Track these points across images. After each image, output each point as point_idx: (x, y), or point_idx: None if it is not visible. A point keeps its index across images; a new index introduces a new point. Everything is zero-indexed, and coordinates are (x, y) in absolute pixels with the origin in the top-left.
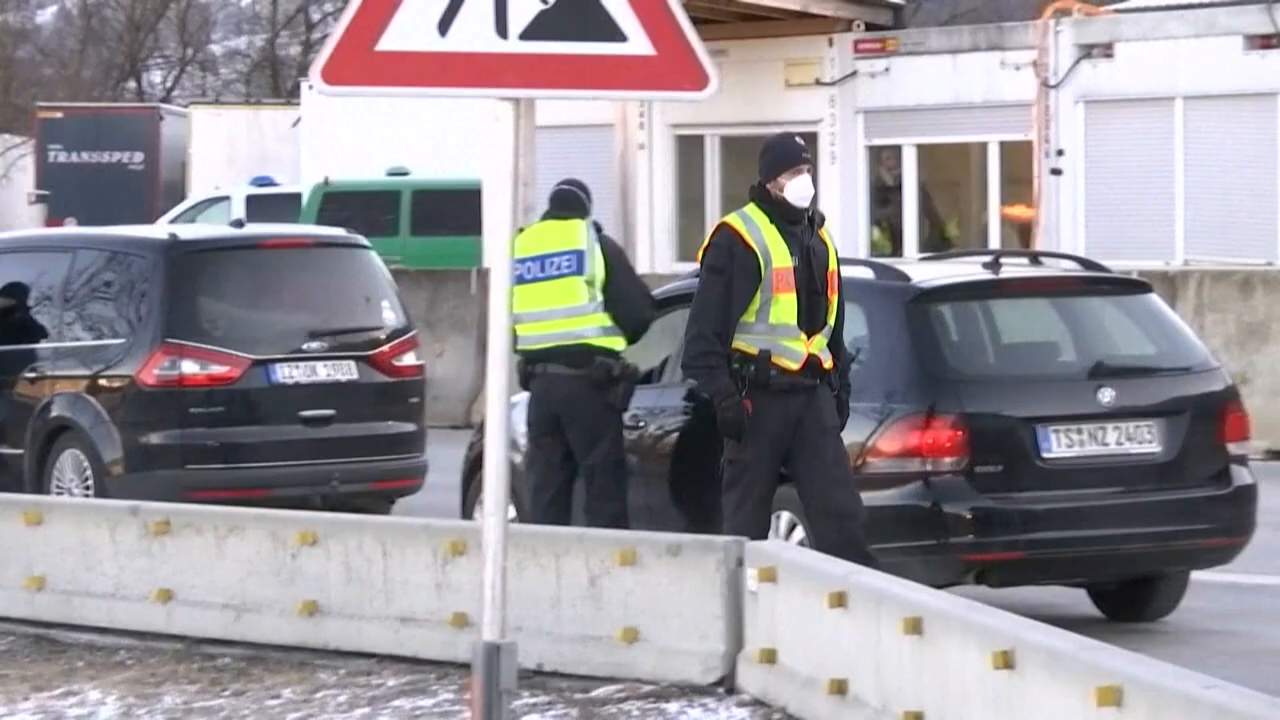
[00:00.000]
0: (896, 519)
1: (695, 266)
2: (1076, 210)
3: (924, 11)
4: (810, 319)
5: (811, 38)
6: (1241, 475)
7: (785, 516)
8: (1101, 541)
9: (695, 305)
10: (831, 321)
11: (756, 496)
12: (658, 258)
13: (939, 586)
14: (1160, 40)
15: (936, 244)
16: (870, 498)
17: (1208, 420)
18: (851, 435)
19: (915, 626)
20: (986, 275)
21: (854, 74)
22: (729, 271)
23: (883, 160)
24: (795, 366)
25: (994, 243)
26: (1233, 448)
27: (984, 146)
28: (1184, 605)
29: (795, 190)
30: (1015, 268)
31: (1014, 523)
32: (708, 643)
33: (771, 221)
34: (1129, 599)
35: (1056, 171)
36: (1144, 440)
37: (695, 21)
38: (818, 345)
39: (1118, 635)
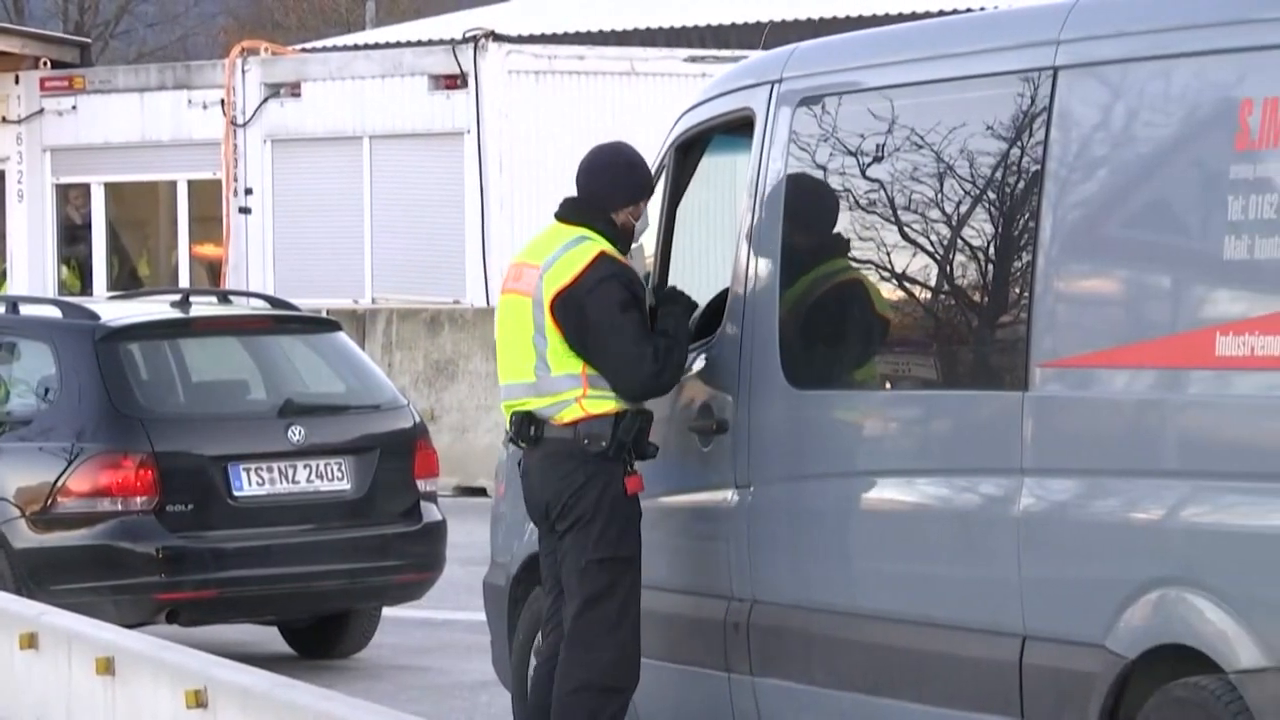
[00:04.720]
0: (87, 559)
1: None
2: (265, 248)
3: (111, 49)
4: None
5: None
6: (431, 512)
7: None
8: (293, 579)
9: (618, 349)
10: None
11: (636, 610)
12: None
13: (131, 626)
14: (348, 80)
15: (127, 283)
16: (61, 538)
17: (397, 457)
18: (42, 475)
19: (108, 666)
20: (176, 314)
21: (41, 112)
22: (643, 303)
23: (71, 199)
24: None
25: (185, 281)
26: (422, 484)
27: (173, 185)
28: (376, 641)
29: (645, 223)
30: (205, 306)
31: (205, 561)
32: None
33: None
34: (322, 636)
35: (245, 210)
36: (334, 478)
37: None
38: None
39: (311, 672)
